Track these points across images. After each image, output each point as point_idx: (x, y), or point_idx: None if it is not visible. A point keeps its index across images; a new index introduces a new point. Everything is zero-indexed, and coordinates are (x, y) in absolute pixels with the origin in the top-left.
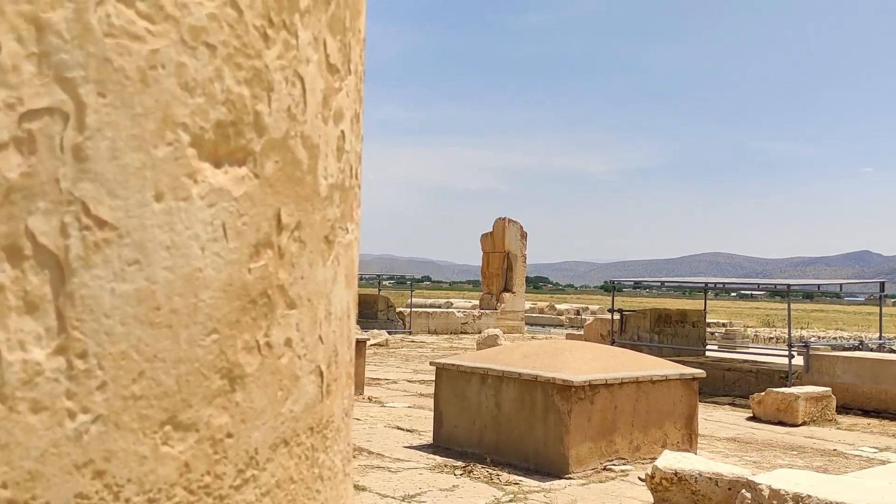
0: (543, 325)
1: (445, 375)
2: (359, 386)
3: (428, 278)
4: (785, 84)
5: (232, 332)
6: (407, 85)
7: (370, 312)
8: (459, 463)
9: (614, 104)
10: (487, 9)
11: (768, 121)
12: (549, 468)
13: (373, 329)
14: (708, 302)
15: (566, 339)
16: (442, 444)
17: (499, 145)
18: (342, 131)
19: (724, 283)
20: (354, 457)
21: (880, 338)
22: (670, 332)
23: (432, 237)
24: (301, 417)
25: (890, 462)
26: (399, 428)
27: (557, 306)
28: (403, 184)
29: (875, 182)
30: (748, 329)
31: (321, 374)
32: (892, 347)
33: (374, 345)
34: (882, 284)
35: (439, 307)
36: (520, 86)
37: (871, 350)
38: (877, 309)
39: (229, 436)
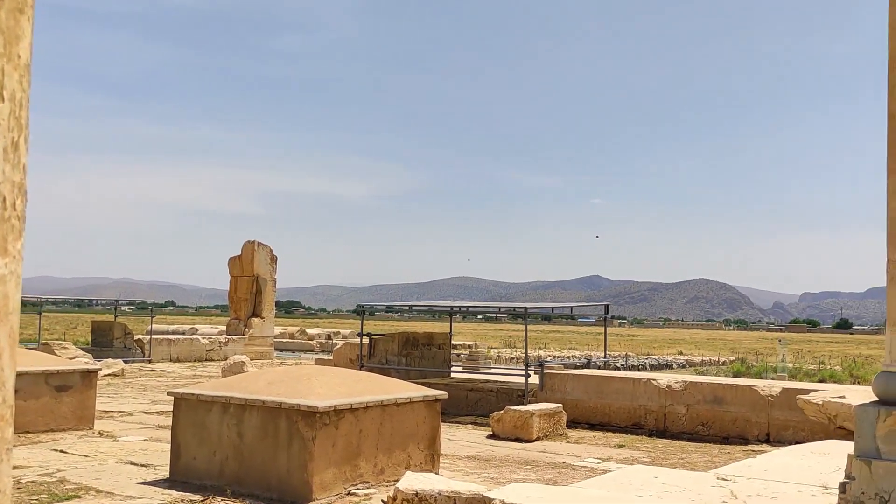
0: (294, 351)
1: (185, 405)
2: (88, 420)
3: (172, 303)
4: (525, 116)
5: None
6: (155, 101)
7: (105, 340)
8: (197, 497)
9: (368, 130)
10: (240, 27)
11: (511, 151)
12: (293, 496)
13: (107, 358)
14: (455, 324)
15: (315, 364)
16: (180, 479)
17: (251, 167)
18: None
19: (468, 307)
20: (80, 497)
21: (605, 356)
22: (418, 355)
23: (178, 260)
24: None
25: (610, 471)
26: (133, 463)
27: (309, 331)
28: (146, 204)
29: (604, 212)
30: (492, 350)
31: None
32: (617, 365)
33: (109, 375)
34: (606, 307)
35: (183, 334)
36: (273, 107)
37: (599, 367)
38: (608, 329)
39: None
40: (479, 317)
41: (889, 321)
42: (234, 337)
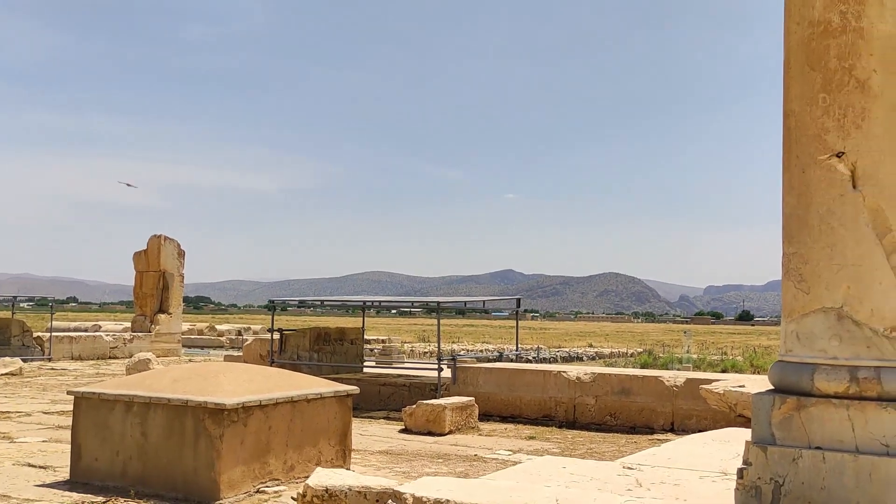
0: (203, 348)
1: (86, 405)
2: None
3: (75, 299)
4: (439, 110)
5: None
6: (53, 90)
7: (2, 339)
8: (99, 498)
9: (280, 122)
10: (145, 16)
11: (425, 145)
12: (200, 495)
13: (4, 357)
14: (369, 319)
15: (224, 360)
16: (81, 480)
17: (157, 159)
18: None
19: (380, 302)
20: None
21: (517, 349)
22: (330, 350)
23: (81, 255)
24: None
25: (520, 462)
26: (31, 465)
27: (218, 327)
28: (48, 196)
29: (517, 207)
30: (405, 345)
31: None
32: (529, 358)
33: (6, 374)
34: (518, 301)
35: (85, 331)
36: (182, 99)
37: (511, 360)
38: (520, 323)
39: None
40: (393, 311)
41: (784, 313)
42: (139, 334)
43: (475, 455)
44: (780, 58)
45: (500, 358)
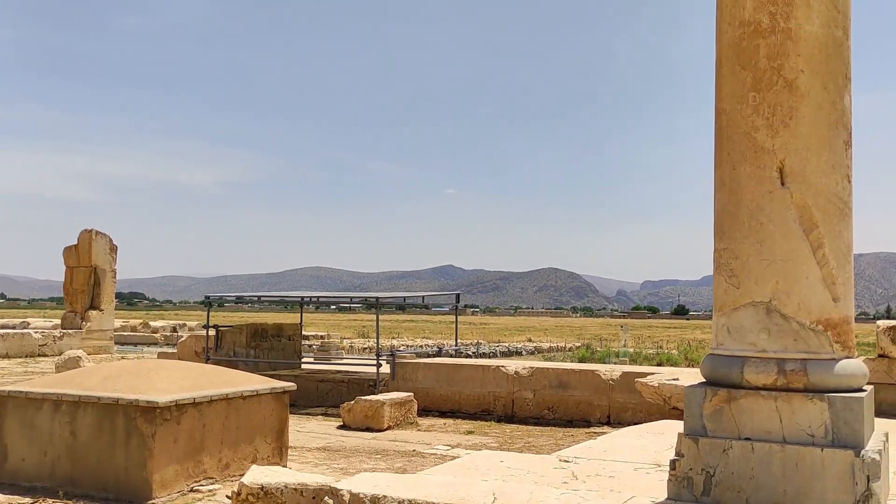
0: (136, 345)
1: (12, 404)
2: None
3: (2, 296)
4: (381, 105)
5: None
6: None
7: None
8: (27, 499)
9: (216, 115)
10: (76, 7)
11: (366, 140)
12: (131, 495)
13: None
14: (308, 315)
15: (158, 357)
16: (7, 481)
17: (88, 152)
18: None
19: (319, 297)
20: None
21: (456, 344)
22: (267, 347)
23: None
24: None
25: (459, 457)
26: None
27: (153, 324)
28: None
29: (458, 202)
30: (345, 340)
31: None
32: (468, 353)
33: None
34: (458, 296)
35: (13, 328)
36: (111, 90)
37: (451, 356)
38: (460, 318)
39: None
40: (333, 307)
41: (715, 307)
42: (69, 331)
43: (414, 450)
44: (713, 56)
45: (439, 353)
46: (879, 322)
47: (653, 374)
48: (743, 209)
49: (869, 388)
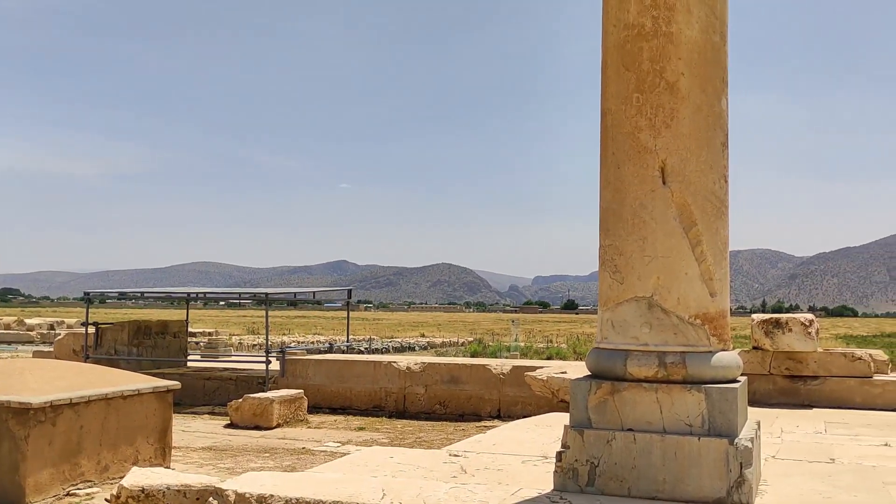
0: (10, 343)
1: None
2: None
3: None
4: (272, 96)
5: None
6: None
7: None
8: None
9: (97, 105)
10: None
11: (257, 132)
12: (4, 500)
13: None
14: (196, 312)
15: (33, 356)
16: None
17: None
18: None
19: (206, 293)
20: None
21: (348, 340)
22: (150, 345)
23: None
24: None
25: (349, 454)
26: None
27: (28, 321)
28: None
29: (352, 197)
30: (233, 337)
31: None
32: (361, 348)
33: None
34: (349, 292)
35: None
36: None
37: (342, 352)
38: (353, 314)
39: None
40: (222, 303)
41: (601, 302)
42: None
43: (303, 448)
44: (599, 58)
45: (330, 349)
46: (754, 315)
47: (542, 367)
48: (627, 207)
49: (743, 379)
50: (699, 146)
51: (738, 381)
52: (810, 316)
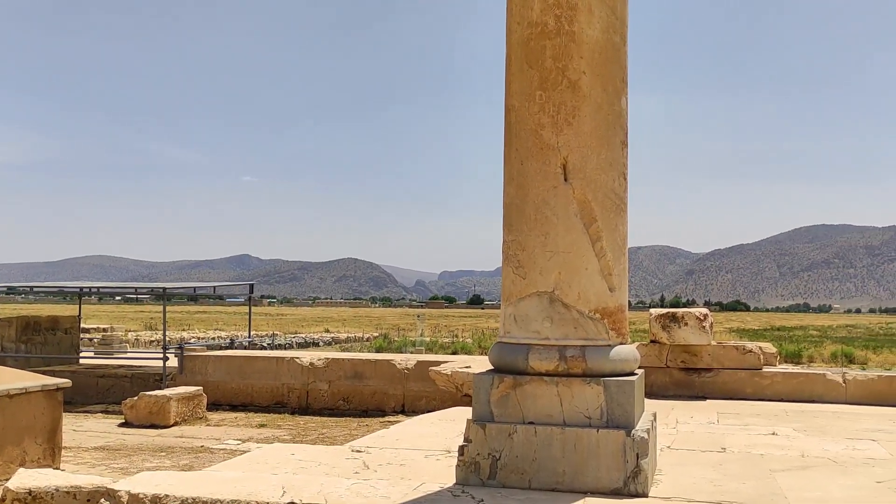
0: None
1: None
2: None
3: None
4: (173, 85)
5: None
6: None
7: None
8: None
9: None
10: None
11: (157, 122)
12: None
13: None
14: (91, 307)
15: None
16: None
17: None
18: None
19: (100, 287)
20: None
21: (249, 336)
22: (40, 341)
23: None
24: None
25: (249, 451)
26: None
27: None
28: None
29: (255, 190)
30: (130, 333)
31: None
32: (263, 344)
33: None
34: (251, 286)
35: None
36: None
37: (244, 348)
38: (256, 309)
39: None
40: (119, 298)
41: (504, 297)
42: None
43: (202, 446)
44: (504, 54)
45: (231, 345)
46: (652, 310)
47: (447, 362)
48: (530, 203)
49: (640, 371)
50: (600, 144)
51: (636, 374)
52: (705, 310)
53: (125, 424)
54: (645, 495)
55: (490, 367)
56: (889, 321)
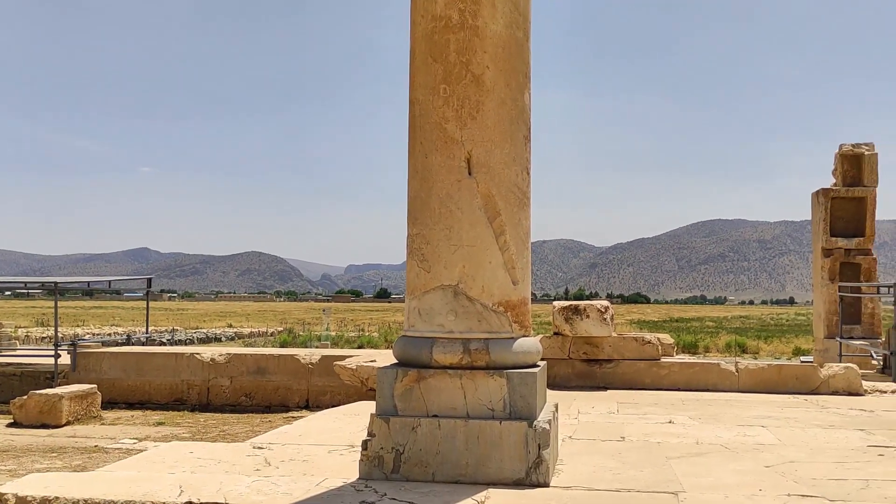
0: None
1: None
2: None
3: None
4: (66, 72)
5: None
6: None
7: None
8: None
9: None
10: None
11: (49, 110)
12: None
13: None
14: None
15: None
16: None
17: None
18: None
19: None
20: None
21: (147, 331)
22: None
23: None
24: None
25: (146, 450)
26: None
27: None
28: None
29: (154, 181)
30: (19, 329)
31: None
32: (162, 340)
33: None
34: (149, 280)
35: None
36: None
37: (142, 343)
38: (155, 304)
39: None
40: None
41: (408, 290)
42: None
43: (96, 446)
44: (408, 47)
45: (128, 341)
46: (555, 303)
47: (352, 356)
48: (434, 197)
49: (542, 363)
50: (503, 139)
51: (538, 366)
52: (606, 303)
53: (14, 425)
54: (546, 485)
55: (395, 360)
56: (779, 312)
